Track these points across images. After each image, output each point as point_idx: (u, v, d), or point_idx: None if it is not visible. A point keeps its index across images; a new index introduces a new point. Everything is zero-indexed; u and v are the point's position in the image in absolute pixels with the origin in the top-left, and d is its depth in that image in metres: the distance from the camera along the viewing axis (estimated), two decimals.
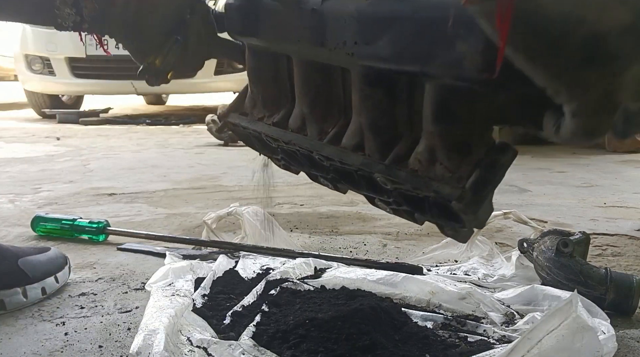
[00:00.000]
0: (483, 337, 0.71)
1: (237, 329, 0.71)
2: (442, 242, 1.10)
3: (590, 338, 0.55)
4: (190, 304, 0.76)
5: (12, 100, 6.97)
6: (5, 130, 4.05)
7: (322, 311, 0.72)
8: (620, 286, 0.82)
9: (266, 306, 0.77)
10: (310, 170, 0.73)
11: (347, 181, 0.65)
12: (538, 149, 2.96)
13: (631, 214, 1.51)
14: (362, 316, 0.69)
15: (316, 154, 0.65)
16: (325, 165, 0.65)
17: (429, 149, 0.53)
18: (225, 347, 0.64)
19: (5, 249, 0.88)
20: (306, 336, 0.67)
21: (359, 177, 0.62)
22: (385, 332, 0.68)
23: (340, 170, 0.64)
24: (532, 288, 0.84)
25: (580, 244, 0.90)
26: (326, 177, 0.69)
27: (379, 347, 0.65)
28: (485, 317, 0.78)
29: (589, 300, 0.77)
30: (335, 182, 0.69)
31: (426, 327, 0.74)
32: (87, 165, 2.41)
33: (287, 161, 0.77)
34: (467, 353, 0.65)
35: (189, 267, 0.90)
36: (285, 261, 0.99)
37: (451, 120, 0.51)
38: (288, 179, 2.07)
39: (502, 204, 1.62)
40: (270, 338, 0.68)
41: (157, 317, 0.69)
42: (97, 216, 1.35)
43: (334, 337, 0.66)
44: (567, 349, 0.54)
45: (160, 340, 0.63)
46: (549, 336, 0.54)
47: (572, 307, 0.55)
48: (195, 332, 0.68)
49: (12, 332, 0.77)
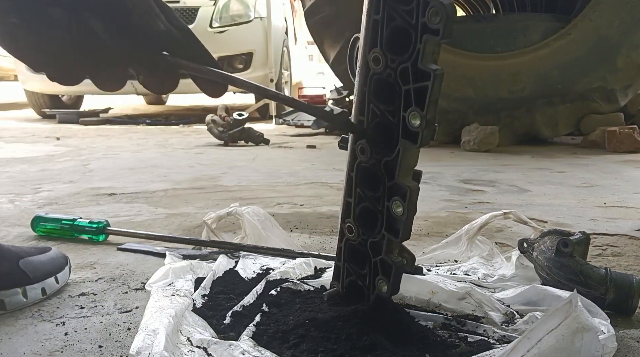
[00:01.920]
0: (483, 337, 0.71)
1: (237, 329, 0.71)
2: (442, 242, 1.10)
3: (591, 338, 0.55)
4: (190, 304, 0.76)
5: (12, 100, 6.96)
6: (5, 130, 4.05)
7: (322, 311, 0.72)
8: (620, 286, 0.82)
9: (266, 306, 0.77)
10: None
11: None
12: (538, 149, 2.97)
13: (631, 214, 1.51)
14: (362, 316, 0.69)
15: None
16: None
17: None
18: (225, 347, 0.64)
19: (7, 249, 0.88)
20: (306, 336, 0.67)
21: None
22: (385, 332, 0.68)
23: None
24: (532, 288, 0.84)
25: (580, 244, 0.90)
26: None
27: (379, 348, 0.65)
28: (485, 317, 0.78)
29: (589, 300, 0.77)
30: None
31: (426, 327, 0.74)
32: (87, 165, 2.41)
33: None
34: (467, 353, 0.65)
35: (189, 267, 0.90)
36: (285, 261, 0.99)
37: None
38: (288, 179, 2.07)
39: (502, 204, 1.62)
40: (270, 338, 0.68)
41: (157, 317, 0.69)
42: (97, 216, 1.35)
43: (333, 337, 0.66)
44: (566, 349, 0.53)
45: (160, 340, 0.63)
46: (548, 336, 0.53)
47: (571, 307, 0.55)
48: (195, 332, 0.68)
49: (12, 332, 0.77)
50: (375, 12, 0.65)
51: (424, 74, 0.61)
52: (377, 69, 0.66)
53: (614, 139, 2.86)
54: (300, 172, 2.21)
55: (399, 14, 0.63)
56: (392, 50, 0.64)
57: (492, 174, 2.20)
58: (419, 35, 0.60)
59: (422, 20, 0.60)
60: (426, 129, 0.62)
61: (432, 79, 0.60)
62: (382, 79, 0.66)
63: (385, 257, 0.69)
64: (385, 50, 0.65)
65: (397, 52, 0.64)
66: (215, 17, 4.92)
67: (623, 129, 2.90)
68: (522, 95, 3.02)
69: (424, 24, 0.59)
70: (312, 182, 2.01)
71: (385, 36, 0.65)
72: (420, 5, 0.59)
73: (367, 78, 0.68)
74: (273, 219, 1.14)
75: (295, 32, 6.88)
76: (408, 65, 0.62)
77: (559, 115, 3.06)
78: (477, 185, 1.95)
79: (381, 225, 0.69)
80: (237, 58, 4.97)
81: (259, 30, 5.10)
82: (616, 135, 2.86)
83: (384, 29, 0.65)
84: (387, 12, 0.64)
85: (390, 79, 0.65)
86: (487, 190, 1.87)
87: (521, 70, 3.03)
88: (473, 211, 1.53)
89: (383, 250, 0.70)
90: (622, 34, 2.99)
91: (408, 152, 0.65)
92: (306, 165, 2.39)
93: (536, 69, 3.03)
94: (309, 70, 9.45)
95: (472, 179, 2.08)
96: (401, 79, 0.64)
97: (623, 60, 3.01)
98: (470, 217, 1.43)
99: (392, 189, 0.67)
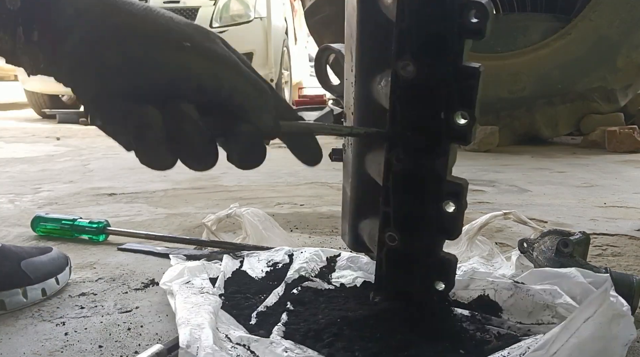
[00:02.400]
0: (509, 332, 0.71)
1: (266, 328, 0.71)
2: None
3: (626, 323, 0.56)
4: (221, 302, 0.75)
5: (12, 100, 6.97)
6: (5, 130, 4.05)
7: (352, 310, 0.72)
8: (620, 286, 0.82)
9: (291, 304, 0.76)
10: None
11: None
12: (538, 149, 2.97)
13: (631, 214, 1.51)
14: (393, 315, 0.69)
15: None
16: None
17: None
18: (267, 345, 0.64)
19: (8, 250, 0.88)
20: (340, 335, 0.67)
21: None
22: (417, 330, 0.68)
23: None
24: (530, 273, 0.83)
25: (580, 244, 0.90)
26: None
27: (413, 345, 0.65)
28: (507, 311, 0.77)
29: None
30: None
31: (456, 323, 0.73)
32: (87, 165, 2.41)
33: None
34: (497, 348, 0.65)
35: (202, 266, 0.90)
36: (291, 252, 0.98)
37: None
38: (288, 179, 2.07)
39: (502, 204, 1.62)
40: (302, 337, 0.67)
41: (197, 313, 0.68)
42: (97, 216, 1.35)
43: (367, 335, 0.66)
44: (604, 336, 0.54)
45: (207, 334, 0.62)
46: (586, 324, 0.54)
47: (607, 294, 0.55)
48: (231, 330, 0.68)
49: (12, 332, 0.77)
50: (400, 20, 0.65)
51: (470, 71, 0.61)
52: (408, 76, 0.65)
53: (614, 139, 2.86)
54: (300, 172, 2.21)
55: (432, 18, 0.62)
56: (426, 55, 0.64)
57: (492, 174, 2.20)
58: (458, 36, 0.60)
59: (460, 20, 0.60)
60: (473, 126, 0.62)
61: (478, 75, 0.60)
62: (415, 84, 0.65)
63: (439, 257, 0.69)
64: (417, 57, 0.64)
65: (432, 56, 0.63)
66: (215, 17, 4.92)
67: (623, 129, 2.90)
68: (522, 95, 3.02)
69: (463, 24, 0.60)
70: (312, 182, 2.01)
71: (416, 42, 0.64)
72: (459, 6, 0.59)
73: (396, 86, 0.66)
74: (273, 219, 1.14)
75: (295, 32, 6.88)
76: (448, 67, 0.62)
77: (559, 115, 3.06)
78: (477, 185, 1.95)
79: (431, 227, 0.68)
80: None
81: (259, 30, 5.11)
82: (616, 135, 2.86)
83: (412, 36, 0.64)
84: (415, 19, 0.63)
85: (428, 83, 0.64)
86: (487, 190, 1.87)
87: (521, 70, 3.03)
88: (473, 211, 1.53)
89: (435, 251, 0.69)
90: (622, 34, 2.99)
91: (453, 151, 0.65)
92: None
93: (536, 69, 3.03)
94: (309, 70, 9.45)
95: (472, 179, 2.08)
96: (442, 81, 0.63)
97: (623, 60, 3.01)
98: (470, 217, 1.43)
99: (442, 189, 0.66)
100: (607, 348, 0.55)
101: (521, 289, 0.76)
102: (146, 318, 0.81)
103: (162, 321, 0.80)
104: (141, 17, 0.50)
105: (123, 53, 0.49)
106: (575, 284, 0.76)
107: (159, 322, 0.80)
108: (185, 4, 4.89)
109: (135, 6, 0.51)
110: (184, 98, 0.51)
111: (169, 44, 0.50)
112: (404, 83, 0.66)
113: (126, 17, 0.50)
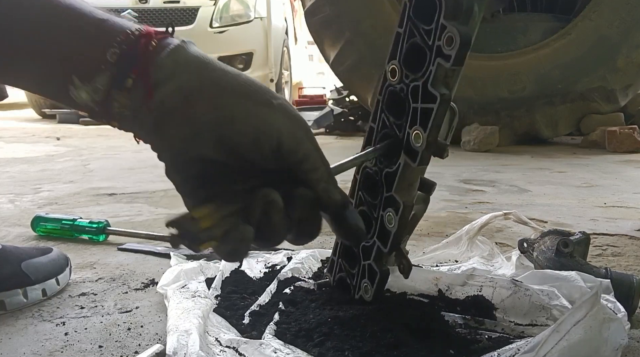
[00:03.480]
0: (502, 334, 0.71)
1: (258, 328, 0.71)
2: (443, 242, 1.10)
3: (616, 327, 0.56)
4: (212, 305, 0.76)
5: (12, 100, 6.96)
6: (5, 130, 4.05)
7: (343, 309, 0.72)
8: (620, 286, 0.82)
9: (282, 304, 0.76)
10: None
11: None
12: (538, 149, 2.97)
13: (631, 214, 1.51)
14: (384, 314, 0.70)
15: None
16: None
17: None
18: (256, 346, 0.64)
19: (9, 251, 0.88)
20: (330, 334, 0.67)
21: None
22: (408, 329, 0.68)
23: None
24: (532, 273, 0.83)
25: (580, 244, 0.90)
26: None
27: (403, 344, 0.65)
28: (502, 310, 0.77)
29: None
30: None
31: (447, 323, 0.74)
32: (87, 165, 2.41)
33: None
34: (489, 348, 0.65)
35: (198, 268, 0.90)
36: (290, 254, 0.99)
37: None
38: None
39: (502, 204, 1.62)
40: (293, 336, 0.68)
41: (186, 318, 0.68)
42: (97, 216, 1.35)
43: (358, 335, 0.66)
44: (594, 339, 0.54)
45: (194, 340, 0.63)
46: (576, 327, 0.54)
47: (597, 298, 0.55)
48: (221, 333, 0.68)
49: (12, 332, 0.77)
50: (399, 24, 0.66)
51: (432, 96, 0.62)
52: (392, 81, 0.67)
53: (614, 139, 2.86)
54: None
55: (419, 32, 0.64)
56: (408, 65, 0.66)
57: (492, 174, 2.20)
58: (433, 57, 0.61)
59: (437, 43, 0.61)
60: (426, 150, 0.63)
61: (438, 102, 0.61)
62: (395, 91, 0.67)
63: (373, 263, 0.72)
64: (403, 65, 0.66)
65: (412, 68, 0.65)
66: (216, 17, 4.93)
67: (623, 129, 2.90)
68: (522, 95, 3.02)
69: (439, 47, 0.60)
70: None
71: (405, 51, 0.66)
72: (439, 29, 0.60)
73: (383, 88, 0.69)
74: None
75: (295, 32, 6.88)
76: (419, 84, 0.63)
77: (559, 115, 3.06)
78: (477, 185, 1.95)
79: (374, 231, 0.71)
80: (237, 58, 4.98)
81: (259, 30, 5.11)
82: (616, 135, 2.86)
83: (404, 43, 0.66)
84: (409, 28, 0.65)
85: (402, 93, 0.66)
86: (487, 190, 1.87)
87: (521, 70, 3.03)
88: (473, 211, 1.53)
89: (372, 256, 0.72)
90: (622, 34, 2.99)
91: (407, 168, 0.66)
92: None
93: (536, 69, 3.03)
94: (309, 70, 9.46)
95: (472, 179, 2.08)
96: (411, 96, 0.65)
97: (623, 60, 3.01)
98: (471, 217, 1.43)
99: (388, 200, 0.69)
100: (598, 351, 0.55)
101: (520, 288, 0.76)
102: (146, 318, 0.81)
103: (162, 321, 0.80)
104: (234, 75, 0.53)
105: (215, 106, 0.51)
106: (574, 287, 0.76)
107: (159, 322, 0.80)
108: (185, 4, 4.89)
109: (228, 66, 0.54)
110: (264, 163, 0.54)
111: (261, 100, 0.53)
112: (388, 86, 0.68)
113: (221, 73, 0.53)
